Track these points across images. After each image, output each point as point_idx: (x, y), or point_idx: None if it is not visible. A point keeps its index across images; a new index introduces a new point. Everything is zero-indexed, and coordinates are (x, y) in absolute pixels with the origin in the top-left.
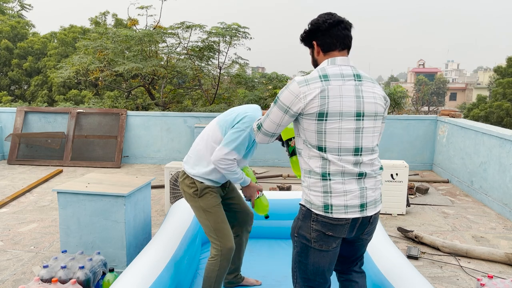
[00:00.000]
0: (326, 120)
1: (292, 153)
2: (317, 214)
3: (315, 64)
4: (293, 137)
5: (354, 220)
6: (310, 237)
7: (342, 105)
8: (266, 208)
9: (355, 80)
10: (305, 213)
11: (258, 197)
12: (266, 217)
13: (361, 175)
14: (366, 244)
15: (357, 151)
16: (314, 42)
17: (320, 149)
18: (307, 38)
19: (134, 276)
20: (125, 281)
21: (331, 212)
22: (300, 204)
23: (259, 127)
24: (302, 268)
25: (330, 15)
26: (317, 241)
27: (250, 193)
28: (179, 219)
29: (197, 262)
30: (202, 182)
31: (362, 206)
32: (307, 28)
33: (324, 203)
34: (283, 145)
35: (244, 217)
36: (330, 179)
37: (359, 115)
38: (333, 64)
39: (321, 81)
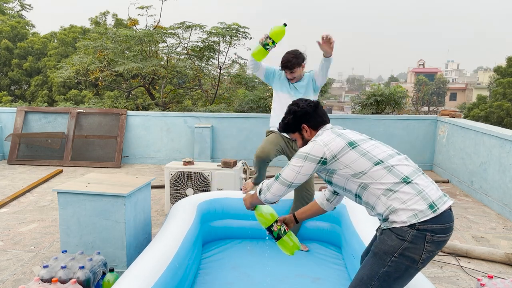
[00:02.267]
0: (358, 144)
1: (278, 237)
2: (432, 232)
3: (306, 143)
4: (274, 222)
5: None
6: (419, 258)
7: (356, 134)
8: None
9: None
10: (416, 235)
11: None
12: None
13: (420, 169)
14: None
15: (397, 153)
16: (305, 125)
17: (377, 163)
18: (295, 123)
19: (135, 276)
20: (127, 282)
21: (437, 208)
22: (390, 229)
23: (277, 177)
24: (383, 287)
25: (306, 100)
26: (424, 262)
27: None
28: (180, 220)
29: (198, 263)
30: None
31: (445, 195)
32: (293, 115)
33: (427, 203)
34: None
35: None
36: (412, 179)
37: (371, 139)
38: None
39: (328, 130)
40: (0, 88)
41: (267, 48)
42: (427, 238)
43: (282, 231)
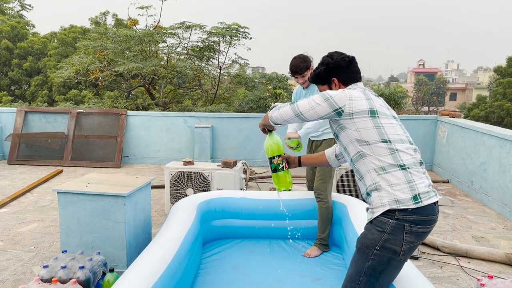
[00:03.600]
0: (378, 116)
1: (274, 169)
2: (411, 222)
3: None
4: (278, 155)
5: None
6: (399, 249)
7: (382, 106)
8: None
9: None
10: (395, 226)
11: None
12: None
13: (422, 164)
14: None
15: (410, 142)
16: (335, 78)
17: (385, 141)
18: (326, 75)
19: (135, 276)
20: (127, 282)
21: (421, 201)
22: (378, 217)
23: (292, 103)
24: (371, 281)
25: (342, 53)
26: (405, 253)
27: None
28: (180, 219)
29: (198, 262)
30: None
31: (434, 191)
32: (325, 67)
33: (413, 194)
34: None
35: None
36: (408, 168)
37: (394, 117)
38: (356, 87)
39: (360, 89)
40: (0, 88)
41: (280, 168)
42: (405, 228)
43: (280, 166)
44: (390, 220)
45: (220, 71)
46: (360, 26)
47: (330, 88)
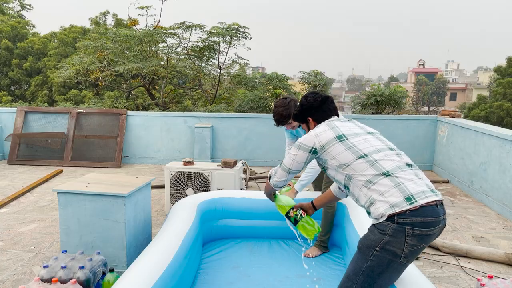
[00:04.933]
0: (347, 138)
1: (295, 222)
2: (412, 225)
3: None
4: (290, 208)
5: (440, 210)
6: (401, 252)
7: (351, 128)
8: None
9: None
10: (396, 228)
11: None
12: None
13: (410, 165)
14: None
15: (391, 148)
16: (309, 118)
17: (361, 157)
18: (302, 115)
19: (136, 276)
20: (127, 282)
21: (415, 201)
22: (374, 225)
23: (280, 164)
24: (368, 282)
25: (316, 94)
26: (407, 257)
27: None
28: (180, 219)
29: (198, 262)
30: None
31: (433, 191)
32: (300, 108)
33: (404, 196)
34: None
35: None
36: (392, 173)
37: (370, 133)
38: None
39: (326, 123)
40: (0, 88)
41: (300, 217)
42: (407, 231)
43: (298, 216)
44: (392, 224)
45: (220, 71)
46: (360, 26)
47: (308, 127)
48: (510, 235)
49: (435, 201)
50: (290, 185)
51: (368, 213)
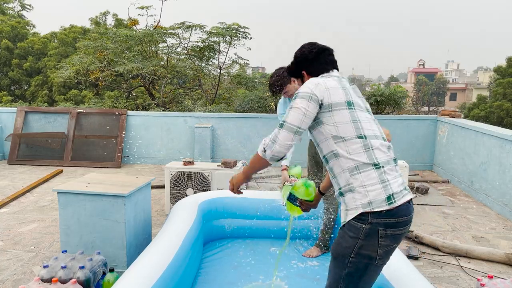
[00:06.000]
0: (354, 108)
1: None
2: (385, 225)
3: None
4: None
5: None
6: (375, 255)
7: (356, 96)
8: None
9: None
10: (368, 231)
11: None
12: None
13: (395, 161)
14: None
15: (384, 139)
16: (304, 72)
17: (360, 137)
18: (296, 69)
19: (136, 276)
20: (127, 282)
21: (394, 201)
22: (350, 221)
23: (282, 125)
24: (351, 287)
25: (313, 44)
26: (382, 258)
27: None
28: (181, 219)
29: (199, 262)
30: None
31: (406, 188)
32: (294, 60)
33: (387, 194)
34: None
35: None
36: (382, 166)
37: (368, 110)
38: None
39: (335, 77)
40: (0, 88)
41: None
42: (379, 233)
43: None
44: (364, 226)
45: (220, 71)
46: (360, 26)
47: (303, 82)
48: (510, 235)
49: (410, 199)
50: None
51: (341, 194)
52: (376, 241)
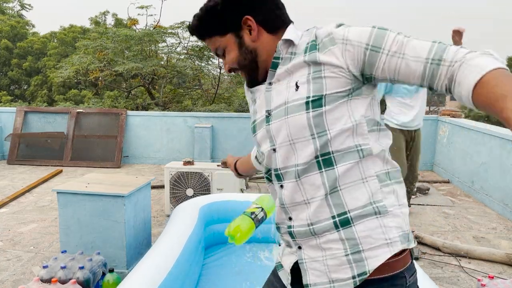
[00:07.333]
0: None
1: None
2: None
3: (251, 56)
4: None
5: None
6: None
7: None
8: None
9: None
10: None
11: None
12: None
13: None
14: None
15: None
16: (250, 19)
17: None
18: (232, 15)
19: (137, 282)
20: (129, 286)
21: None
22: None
23: (445, 45)
24: None
25: None
26: None
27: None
28: (182, 223)
29: (200, 267)
30: None
31: None
32: (225, 2)
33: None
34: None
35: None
36: (400, 182)
37: None
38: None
39: None
40: (0, 88)
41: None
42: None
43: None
44: (405, 279)
45: (220, 70)
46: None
47: (240, 40)
48: (511, 236)
49: None
50: None
51: (347, 224)
52: None
